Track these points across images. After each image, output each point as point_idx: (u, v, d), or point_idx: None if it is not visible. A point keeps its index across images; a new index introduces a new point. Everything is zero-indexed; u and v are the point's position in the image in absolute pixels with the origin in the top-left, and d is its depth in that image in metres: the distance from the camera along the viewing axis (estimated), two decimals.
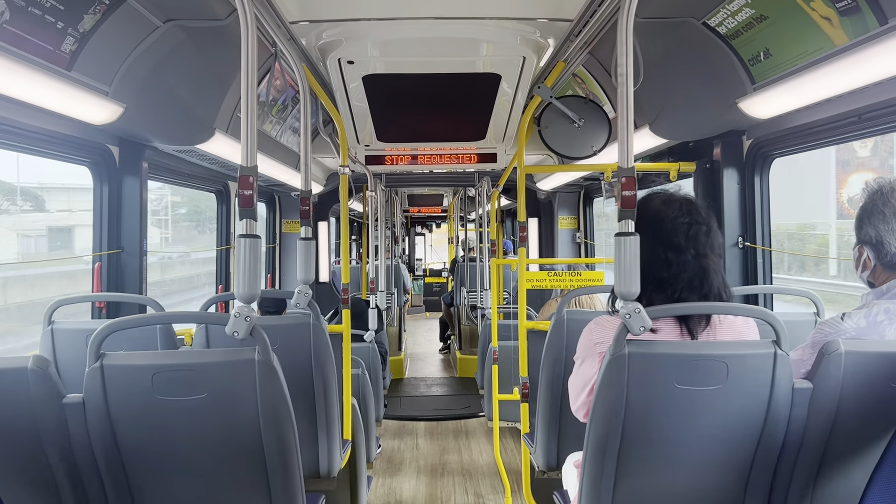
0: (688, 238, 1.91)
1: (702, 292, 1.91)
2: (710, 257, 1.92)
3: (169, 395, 1.88)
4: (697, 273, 1.90)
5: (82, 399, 1.87)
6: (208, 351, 2.13)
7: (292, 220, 7.21)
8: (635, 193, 1.82)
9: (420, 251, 21.55)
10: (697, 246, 1.91)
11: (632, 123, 1.90)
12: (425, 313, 16.33)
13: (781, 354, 1.79)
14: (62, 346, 2.90)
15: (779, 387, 1.80)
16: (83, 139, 3.32)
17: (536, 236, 7.87)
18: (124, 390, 1.88)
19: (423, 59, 3.24)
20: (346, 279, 3.64)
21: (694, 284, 1.90)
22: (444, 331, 11.17)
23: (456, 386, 8.40)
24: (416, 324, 14.58)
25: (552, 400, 2.87)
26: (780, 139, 3.29)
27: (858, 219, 2.02)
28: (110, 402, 1.88)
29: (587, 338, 2.03)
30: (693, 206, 1.96)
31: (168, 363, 1.90)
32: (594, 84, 4.04)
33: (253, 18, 1.92)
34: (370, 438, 4.30)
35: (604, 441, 1.85)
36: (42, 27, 2.32)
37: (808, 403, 1.83)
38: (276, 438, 1.96)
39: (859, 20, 2.13)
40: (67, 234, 12.12)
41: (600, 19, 2.75)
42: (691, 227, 1.91)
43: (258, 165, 1.99)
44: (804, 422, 1.84)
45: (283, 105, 4.46)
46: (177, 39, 2.92)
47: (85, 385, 1.87)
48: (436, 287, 16.53)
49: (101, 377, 1.86)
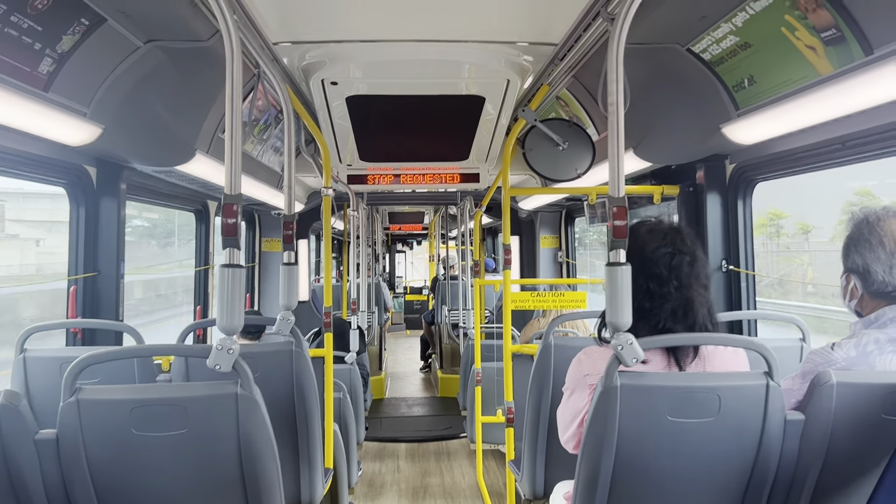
0: (670, 269, 1.89)
1: (686, 323, 1.89)
2: (693, 288, 1.89)
3: (147, 430, 1.82)
4: (681, 304, 1.88)
5: (56, 435, 1.80)
6: (188, 385, 2.07)
7: (272, 239, 7.14)
8: (627, 223, 1.80)
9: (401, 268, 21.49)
10: (680, 276, 1.89)
11: (623, 151, 1.88)
12: (406, 331, 16.24)
13: (773, 386, 1.78)
14: (35, 375, 2.81)
15: (771, 419, 1.79)
16: (59, 160, 3.25)
17: (518, 255, 7.86)
18: (101, 426, 1.81)
19: (407, 80, 3.23)
20: (329, 302, 3.58)
21: (678, 315, 1.88)
22: (424, 349, 11.09)
23: (437, 406, 8.33)
24: (396, 342, 14.49)
25: (539, 428, 2.83)
26: (763, 164, 3.31)
27: (845, 247, 2.02)
28: (86, 439, 1.81)
29: (576, 369, 2.00)
30: (678, 236, 1.94)
31: (147, 398, 1.84)
32: (578, 107, 4.05)
33: (238, 42, 1.89)
34: (351, 463, 4.23)
35: (595, 473, 1.82)
36: (19, 48, 2.26)
37: (801, 435, 1.81)
38: (258, 473, 1.90)
39: (844, 50, 2.14)
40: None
41: (585, 44, 2.76)
42: (674, 258, 1.90)
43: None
44: (796, 454, 1.82)
45: (265, 125, 4.42)
46: (157, 60, 2.87)
47: (59, 420, 1.80)
48: (416, 305, 16.46)
49: (77, 412, 1.79)
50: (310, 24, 2.66)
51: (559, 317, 2.91)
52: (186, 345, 2.72)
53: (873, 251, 1.93)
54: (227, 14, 1.84)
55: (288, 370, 2.69)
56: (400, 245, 20.88)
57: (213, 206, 5.33)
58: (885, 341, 1.87)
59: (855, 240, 1.97)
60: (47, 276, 5.72)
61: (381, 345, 9.48)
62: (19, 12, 2.15)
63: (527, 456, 2.91)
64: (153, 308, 12.36)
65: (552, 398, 2.76)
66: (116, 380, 2.80)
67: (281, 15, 2.54)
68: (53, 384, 2.74)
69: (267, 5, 2.44)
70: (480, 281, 6.07)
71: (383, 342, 9.88)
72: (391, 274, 19.57)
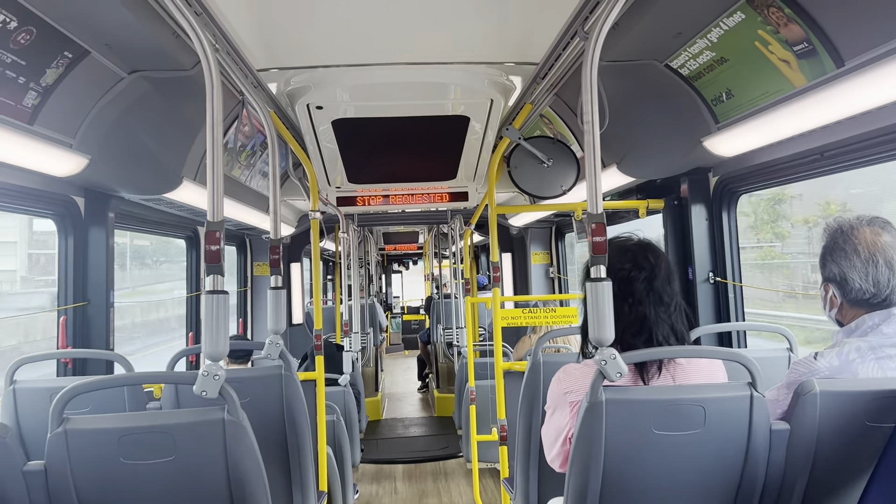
0: (621, 285, 1.90)
1: (641, 338, 1.90)
2: (647, 305, 1.90)
3: (136, 458, 1.82)
4: (636, 320, 1.90)
5: (44, 466, 1.80)
6: (175, 412, 2.07)
7: (264, 263, 7.14)
8: (606, 239, 1.82)
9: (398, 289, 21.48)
10: (634, 293, 1.91)
11: (599, 168, 1.91)
12: (404, 351, 16.21)
13: (757, 396, 1.79)
14: (25, 406, 2.80)
15: (756, 429, 1.80)
16: (46, 192, 3.26)
17: (510, 272, 7.87)
18: (89, 455, 1.81)
19: (392, 103, 3.26)
20: (319, 325, 3.59)
21: (633, 330, 1.91)
22: (421, 369, 11.07)
23: (434, 426, 8.30)
24: (394, 362, 14.45)
25: (531, 445, 2.83)
26: (745, 176, 3.35)
27: (822, 258, 2.05)
28: (74, 469, 1.81)
29: (556, 387, 2.01)
30: (640, 253, 1.95)
31: (134, 426, 1.84)
32: (561, 124, 4.08)
33: (217, 71, 1.91)
34: (346, 486, 4.21)
35: (584, 490, 1.82)
36: (3, 83, 2.28)
37: (787, 445, 1.82)
38: (246, 498, 1.90)
39: (816, 63, 2.18)
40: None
41: (565, 62, 2.80)
42: (630, 273, 1.92)
43: (228, 212, 1.96)
44: (783, 463, 1.83)
45: (252, 150, 4.44)
46: (142, 90, 2.90)
47: (47, 451, 1.80)
48: (414, 325, 16.43)
49: (65, 442, 1.79)
50: (293, 50, 2.69)
51: (547, 333, 2.92)
52: (173, 372, 2.72)
53: (849, 259, 1.95)
54: (207, 45, 1.87)
55: (278, 394, 2.69)
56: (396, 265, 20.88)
57: (203, 232, 5.34)
58: (867, 349, 1.89)
59: (830, 249, 2.00)
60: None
61: (378, 366, 9.45)
62: (1, 47, 2.17)
63: (519, 473, 2.91)
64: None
65: (543, 415, 2.76)
66: (107, 409, 2.79)
67: (264, 42, 2.58)
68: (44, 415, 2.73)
69: (250, 34, 2.47)
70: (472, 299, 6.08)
71: (380, 363, 9.85)
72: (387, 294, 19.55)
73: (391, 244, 15.38)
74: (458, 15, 2.39)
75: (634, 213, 4.20)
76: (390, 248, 15.93)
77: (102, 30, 2.39)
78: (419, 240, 14.77)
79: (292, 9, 2.29)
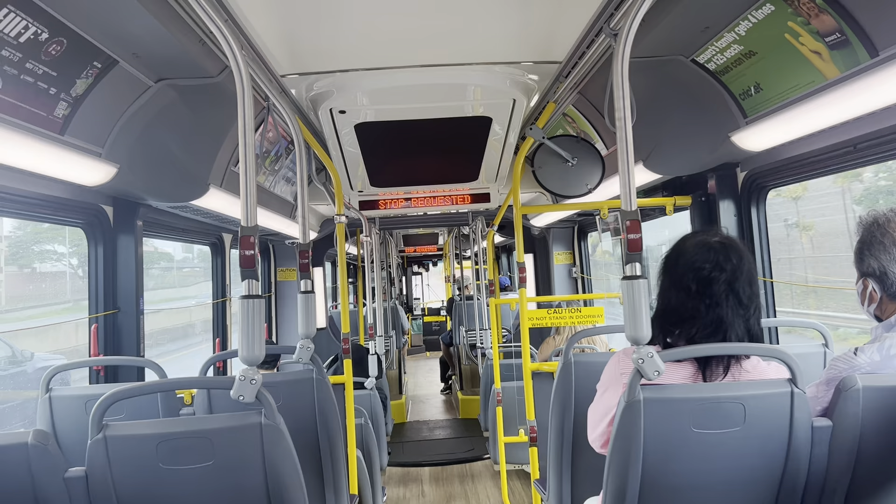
0: (700, 284, 1.85)
1: (716, 339, 1.84)
2: (725, 307, 1.83)
3: (174, 464, 1.83)
4: (711, 322, 1.84)
5: (85, 472, 1.82)
6: (213, 417, 2.08)
7: (287, 268, 7.18)
8: (641, 236, 1.81)
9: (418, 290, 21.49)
10: (712, 295, 1.84)
11: (632, 165, 1.89)
12: (426, 353, 16.21)
13: (798, 393, 1.76)
14: (61, 414, 2.83)
15: (797, 426, 1.77)
16: (76, 201, 3.30)
17: (533, 272, 7.85)
18: (128, 461, 1.82)
19: (413, 105, 3.26)
20: (347, 328, 3.60)
21: (708, 332, 1.85)
22: (444, 371, 11.06)
23: (459, 428, 8.28)
24: (416, 364, 14.46)
25: (563, 445, 2.81)
26: (774, 170, 3.30)
27: (858, 252, 2.00)
28: (114, 474, 1.82)
29: (613, 367, 1.99)
30: (723, 253, 1.86)
31: (173, 431, 1.85)
32: (585, 123, 4.06)
33: (248, 76, 1.92)
34: (376, 489, 4.21)
35: (622, 489, 1.81)
36: (35, 94, 2.32)
37: (829, 442, 1.79)
38: (285, 502, 1.90)
39: (850, 53, 2.14)
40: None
41: (589, 60, 2.78)
42: (710, 274, 1.84)
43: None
44: (826, 460, 1.80)
45: (276, 156, 4.47)
46: (169, 98, 2.93)
47: (88, 457, 1.81)
48: (435, 326, 16.43)
49: (105, 449, 1.81)
50: (316, 56, 2.70)
51: (577, 333, 2.90)
52: (209, 377, 2.73)
53: (888, 253, 1.92)
54: (237, 50, 1.88)
55: (310, 398, 2.70)
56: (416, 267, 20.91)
57: (229, 238, 5.38)
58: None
59: (868, 243, 1.96)
60: None
61: (401, 368, 9.46)
62: (34, 59, 2.20)
63: (552, 474, 2.89)
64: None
65: (575, 415, 2.75)
66: (141, 415, 2.81)
67: (288, 48, 2.59)
68: (79, 422, 2.76)
69: (274, 40, 2.48)
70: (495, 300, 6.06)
71: (403, 366, 9.86)
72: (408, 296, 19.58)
73: (411, 246, 15.41)
74: (479, 16, 2.39)
75: (661, 210, 4.17)
76: (410, 250, 15.96)
77: (130, 39, 2.41)
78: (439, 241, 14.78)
79: (315, 14, 2.30)
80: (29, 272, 8.70)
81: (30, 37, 2.11)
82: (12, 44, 2.07)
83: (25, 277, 8.69)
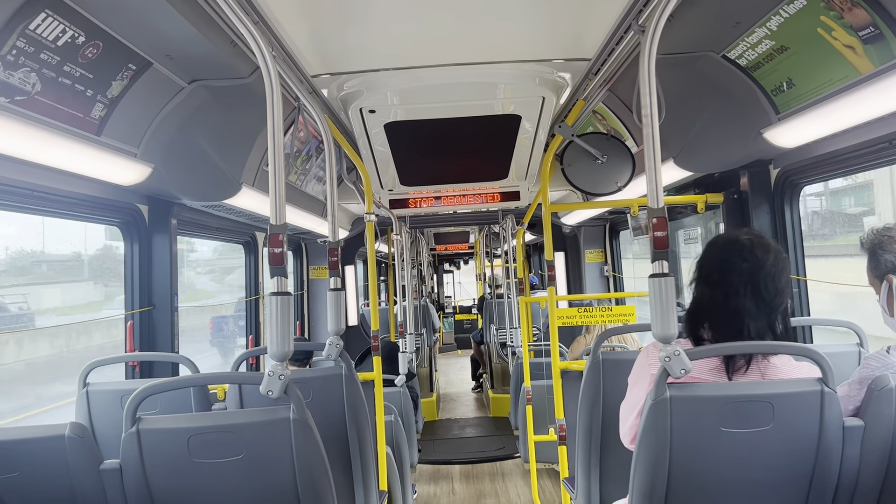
0: (721, 275, 1.86)
1: (731, 330, 1.84)
2: (742, 297, 1.83)
3: (205, 457, 1.87)
4: (730, 311, 1.84)
5: (119, 465, 1.87)
6: (243, 412, 2.12)
7: (319, 267, 7.25)
8: (667, 234, 1.80)
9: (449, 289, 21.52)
10: (729, 283, 1.84)
11: (659, 162, 1.88)
12: (457, 351, 16.23)
13: (829, 392, 1.74)
14: (97, 408, 2.91)
15: (828, 426, 1.74)
16: (113, 200, 3.38)
17: (564, 271, 7.81)
18: (161, 454, 1.87)
19: (442, 104, 3.27)
20: (376, 326, 3.63)
21: (726, 320, 1.85)
22: (475, 369, 11.06)
23: (489, 427, 8.28)
24: (448, 362, 14.48)
25: (592, 444, 2.80)
26: (808, 167, 3.25)
27: (871, 255, 1.97)
28: (147, 467, 1.87)
29: (643, 360, 1.99)
30: (748, 247, 1.87)
31: (203, 425, 1.89)
32: (615, 120, 4.04)
33: (277, 77, 1.95)
34: (405, 486, 4.24)
35: (650, 488, 1.80)
36: (72, 96, 2.38)
37: (861, 442, 1.76)
38: (314, 497, 1.93)
39: (884, 47, 2.10)
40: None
41: (619, 57, 2.76)
42: (730, 264, 1.85)
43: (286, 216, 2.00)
44: (858, 461, 1.77)
45: (307, 155, 4.52)
46: (202, 99, 2.98)
47: (122, 450, 1.86)
48: (466, 324, 16.44)
49: (138, 442, 1.86)
50: (346, 56, 2.73)
51: (606, 331, 2.89)
52: (238, 373, 2.78)
53: None
54: (266, 52, 1.91)
55: (339, 394, 2.73)
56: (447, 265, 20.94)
57: (261, 237, 5.45)
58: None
59: (879, 244, 1.94)
60: None
61: (432, 366, 9.49)
62: (71, 62, 2.26)
63: (581, 473, 2.88)
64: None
65: (603, 414, 2.73)
66: (174, 409, 2.88)
67: (318, 48, 2.62)
68: (115, 416, 2.83)
69: (304, 40, 2.52)
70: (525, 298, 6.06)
71: (434, 363, 9.88)
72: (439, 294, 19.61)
73: (442, 244, 15.43)
74: (508, 14, 2.39)
75: (692, 209, 4.12)
76: (441, 249, 15.98)
77: (164, 41, 2.46)
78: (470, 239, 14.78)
79: (344, 15, 2.32)
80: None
81: (67, 40, 2.17)
82: (50, 47, 2.13)
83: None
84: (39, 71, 2.17)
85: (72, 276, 12.93)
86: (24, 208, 2.93)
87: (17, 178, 2.64)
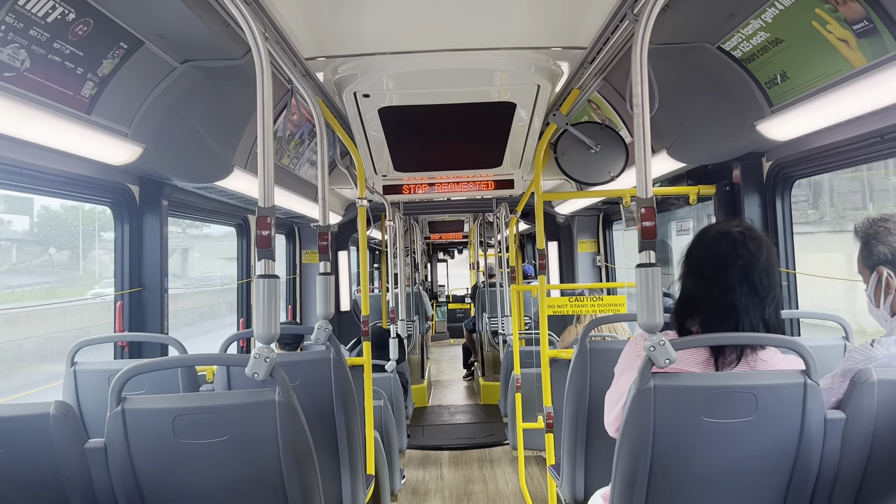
0: (715, 270, 1.85)
1: (726, 326, 1.84)
2: (738, 294, 1.82)
3: (190, 438, 1.87)
4: (723, 308, 1.83)
5: (104, 444, 1.87)
6: (228, 393, 2.12)
7: (312, 251, 7.24)
8: (655, 224, 1.80)
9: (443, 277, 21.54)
10: (726, 280, 1.83)
11: (649, 152, 1.87)
12: (450, 340, 16.27)
13: (811, 384, 1.75)
14: (85, 388, 2.91)
15: (810, 418, 1.76)
16: (104, 180, 3.37)
17: (556, 260, 7.82)
18: (145, 434, 1.87)
19: (437, 90, 3.26)
20: (366, 311, 3.63)
21: (721, 316, 1.84)
22: (467, 357, 11.10)
23: (480, 413, 8.32)
24: (440, 351, 14.52)
25: (578, 432, 2.82)
26: (800, 160, 3.25)
27: (864, 245, 1.97)
28: (132, 447, 1.87)
29: (631, 350, 1.99)
30: (741, 241, 1.86)
31: (188, 406, 1.89)
32: (609, 109, 4.03)
33: (268, 59, 1.94)
34: (393, 470, 4.26)
35: (632, 476, 1.81)
36: (62, 73, 2.36)
37: (842, 434, 1.78)
38: (298, 479, 1.94)
39: (877, 41, 2.10)
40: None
41: (614, 46, 2.76)
42: (725, 260, 1.84)
43: (277, 200, 1.99)
44: (838, 453, 1.79)
45: (301, 139, 4.50)
46: (194, 80, 2.96)
47: (106, 430, 1.87)
48: (459, 313, 16.47)
49: (123, 421, 1.86)
50: (341, 39, 2.71)
51: (594, 321, 2.90)
52: (224, 354, 2.78)
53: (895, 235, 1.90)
54: (258, 32, 1.90)
55: (327, 378, 2.74)
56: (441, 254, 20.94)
57: (254, 220, 5.43)
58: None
59: (874, 235, 1.94)
60: None
61: (424, 353, 9.51)
62: (61, 39, 2.24)
63: (566, 460, 2.90)
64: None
65: (590, 403, 2.75)
66: (162, 391, 2.88)
67: (312, 31, 2.60)
68: (102, 396, 2.83)
69: (298, 22, 2.50)
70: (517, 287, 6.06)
71: (425, 351, 9.91)
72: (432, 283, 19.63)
73: (436, 233, 15.42)
74: (504, 0, 2.38)
75: (685, 199, 4.13)
76: (435, 237, 15.98)
77: (156, 20, 2.44)
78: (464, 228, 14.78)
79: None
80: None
81: (57, 17, 2.15)
82: (40, 24, 2.11)
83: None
84: (29, 47, 2.15)
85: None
86: (13, 186, 2.92)
87: (6, 155, 2.62)
